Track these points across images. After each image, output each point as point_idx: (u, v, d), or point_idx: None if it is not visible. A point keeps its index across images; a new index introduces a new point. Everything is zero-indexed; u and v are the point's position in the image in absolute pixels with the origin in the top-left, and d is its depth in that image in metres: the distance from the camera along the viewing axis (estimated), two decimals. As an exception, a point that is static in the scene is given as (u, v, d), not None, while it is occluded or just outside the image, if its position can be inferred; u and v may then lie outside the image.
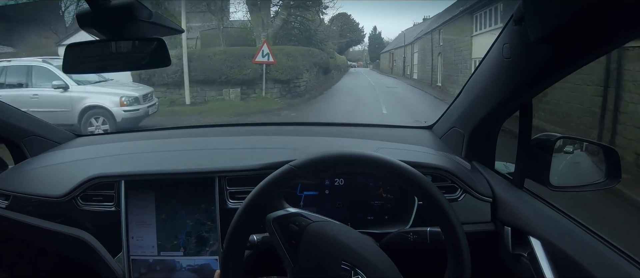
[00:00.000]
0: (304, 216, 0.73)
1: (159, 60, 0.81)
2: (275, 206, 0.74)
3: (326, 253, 0.70)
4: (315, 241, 0.71)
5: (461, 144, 1.14)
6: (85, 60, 0.83)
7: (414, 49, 18.31)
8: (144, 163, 1.11)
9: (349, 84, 14.89)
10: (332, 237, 0.71)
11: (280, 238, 0.72)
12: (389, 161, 0.72)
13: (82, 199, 1.06)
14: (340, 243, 0.71)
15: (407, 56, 19.56)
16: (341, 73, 18.20)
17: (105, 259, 1.04)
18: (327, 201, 1.08)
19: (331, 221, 0.75)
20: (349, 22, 20.81)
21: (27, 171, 1.20)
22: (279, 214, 0.73)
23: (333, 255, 0.69)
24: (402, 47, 20.54)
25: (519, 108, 0.92)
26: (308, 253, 0.70)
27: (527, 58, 0.78)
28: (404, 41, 20.24)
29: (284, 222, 0.72)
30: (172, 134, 1.56)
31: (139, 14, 0.75)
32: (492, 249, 0.99)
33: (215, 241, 1.02)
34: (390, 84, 15.60)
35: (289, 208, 0.74)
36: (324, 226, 0.73)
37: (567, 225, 0.84)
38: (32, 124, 1.31)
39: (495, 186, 1.02)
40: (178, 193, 1.03)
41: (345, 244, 0.71)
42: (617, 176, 0.93)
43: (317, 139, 1.30)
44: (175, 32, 0.84)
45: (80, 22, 0.75)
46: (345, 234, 0.73)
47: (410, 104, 10.71)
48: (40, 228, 1.07)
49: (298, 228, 0.72)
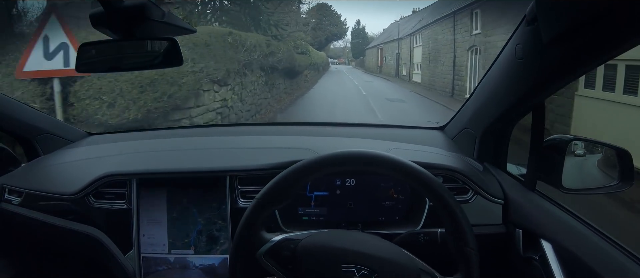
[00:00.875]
0: (290, 239, 0.73)
1: (171, 60, 0.81)
2: (261, 240, 0.74)
3: (324, 264, 0.70)
4: (310, 258, 0.71)
5: (473, 146, 1.13)
6: (98, 60, 0.84)
7: (416, 42, 13.61)
8: (155, 161, 1.12)
9: (328, 91, 11.15)
10: (324, 247, 0.72)
11: (277, 269, 0.72)
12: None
13: (94, 197, 1.07)
14: (334, 250, 0.71)
15: (404, 51, 15.08)
16: (320, 73, 14.78)
17: (116, 257, 1.05)
18: (338, 201, 1.08)
19: (319, 232, 0.75)
20: (329, 14, 18.14)
21: (40, 169, 1.21)
22: (267, 247, 0.73)
23: (331, 263, 0.70)
24: (394, 40, 16.35)
25: (532, 109, 0.92)
26: (308, 272, 0.71)
27: (540, 59, 0.77)
28: (398, 32, 16.05)
29: (275, 252, 0.73)
30: (183, 133, 1.58)
31: (152, 14, 0.75)
32: (503, 251, 0.98)
33: (225, 240, 1.03)
34: (389, 93, 11.47)
35: (274, 237, 0.74)
36: (313, 240, 0.73)
37: (580, 228, 0.83)
38: (46, 122, 1.33)
39: (507, 188, 1.01)
40: (189, 191, 1.04)
41: (339, 248, 0.71)
42: (630, 179, 0.92)
43: (328, 139, 1.30)
44: (187, 32, 0.85)
45: (93, 23, 0.76)
46: (337, 238, 0.74)
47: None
48: (52, 225, 1.08)
49: (289, 252, 0.72)
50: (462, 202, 1.00)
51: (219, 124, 1.73)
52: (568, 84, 0.80)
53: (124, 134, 1.58)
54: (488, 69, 1.01)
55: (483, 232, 0.96)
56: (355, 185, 1.08)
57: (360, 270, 0.68)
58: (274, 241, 0.73)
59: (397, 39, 15.93)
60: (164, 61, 0.82)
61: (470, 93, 1.14)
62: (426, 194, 0.73)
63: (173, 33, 0.82)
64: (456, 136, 1.25)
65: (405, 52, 14.85)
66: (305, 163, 0.73)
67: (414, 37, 13.64)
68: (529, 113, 0.93)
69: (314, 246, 0.72)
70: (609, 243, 0.77)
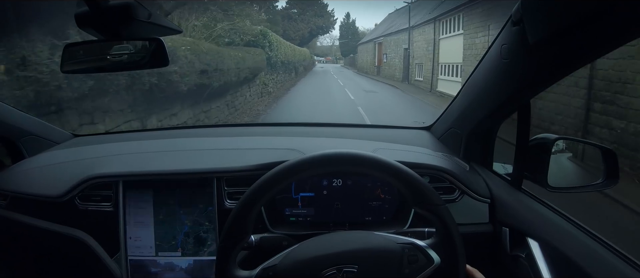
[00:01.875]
0: (267, 267, 0.72)
1: (157, 60, 0.81)
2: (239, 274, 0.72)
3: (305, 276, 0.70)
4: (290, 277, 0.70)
5: (459, 145, 1.14)
6: (83, 60, 0.83)
7: (448, 30, 9.19)
8: (142, 163, 1.11)
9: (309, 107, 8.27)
10: (301, 261, 0.71)
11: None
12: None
13: (80, 199, 1.06)
14: (311, 260, 0.70)
15: (418, 46, 11.04)
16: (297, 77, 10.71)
17: (103, 259, 1.04)
18: (325, 202, 1.08)
19: (291, 250, 0.74)
20: (315, 4, 14.74)
21: (25, 171, 1.20)
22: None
23: (312, 274, 0.69)
24: (401, 31, 12.45)
25: (517, 109, 0.93)
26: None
27: (525, 60, 0.78)
28: (408, 20, 11.99)
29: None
30: (170, 135, 1.56)
31: (138, 14, 0.75)
32: (490, 250, 0.99)
33: (213, 241, 1.02)
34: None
35: (252, 272, 0.73)
36: (289, 259, 0.72)
37: (565, 227, 0.84)
38: (30, 124, 1.31)
39: (493, 187, 1.02)
40: (176, 193, 1.03)
41: (315, 257, 0.70)
42: (615, 177, 0.93)
43: (314, 140, 1.30)
44: (173, 32, 0.84)
45: (78, 22, 0.75)
46: (311, 248, 0.73)
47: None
48: (38, 228, 1.06)
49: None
50: (448, 201, 1.01)
51: (205, 125, 1.71)
52: (553, 84, 0.81)
53: (109, 135, 1.57)
54: (474, 69, 1.02)
55: (470, 231, 0.97)
56: (342, 185, 1.08)
57: (341, 269, 0.68)
58: (252, 276, 0.72)
59: (406, 29, 11.67)
60: (150, 62, 0.81)
61: (456, 93, 1.15)
62: (384, 176, 0.72)
63: (159, 33, 0.81)
64: (442, 135, 1.25)
65: (420, 46, 10.78)
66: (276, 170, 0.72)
67: (444, 22, 9.23)
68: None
69: (291, 265, 0.71)
70: (594, 240, 0.79)
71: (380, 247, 0.71)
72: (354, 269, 0.68)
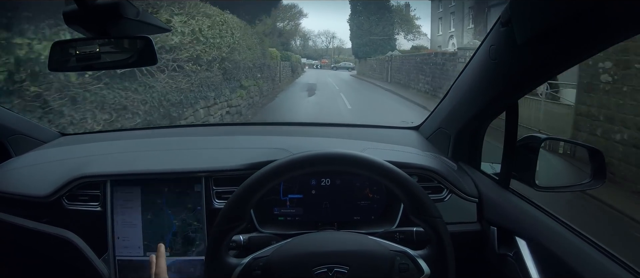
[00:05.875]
0: (258, 257, 0.73)
1: (146, 59, 0.80)
2: (230, 267, 0.73)
3: (296, 272, 0.70)
4: (281, 271, 0.71)
5: (447, 145, 1.15)
6: (71, 58, 0.82)
7: None
8: (130, 162, 1.10)
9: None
10: (293, 256, 0.72)
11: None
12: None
13: (67, 199, 1.05)
14: (303, 256, 0.71)
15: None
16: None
17: (91, 259, 1.02)
18: (313, 202, 1.08)
19: (285, 243, 0.75)
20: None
21: (11, 171, 1.18)
22: (237, 272, 0.72)
23: (302, 270, 0.70)
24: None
25: (505, 109, 0.94)
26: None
27: (514, 60, 0.79)
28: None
29: (246, 274, 0.72)
30: (158, 134, 1.55)
31: (126, 12, 0.74)
32: (478, 249, 1.00)
33: (201, 241, 1.02)
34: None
35: (242, 259, 0.73)
36: (281, 252, 0.73)
37: (552, 225, 0.85)
38: (17, 122, 1.29)
39: (481, 186, 1.03)
40: (164, 193, 1.03)
41: (307, 253, 0.71)
42: (602, 177, 0.94)
43: (303, 139, 1.30)
44: (162, 31, 0.84)
45: (66, 20, 0.74)
46: (304, 244, 0.74)
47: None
48: (25, 228, 1.05)
49: (260, 271, 0.72)
50: (437, 201, 1.02)
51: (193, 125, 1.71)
52: (541, 84, 0.82)
53: (97, 134, 1.55)
54: (462, 69, 1.03)
55: (458, 230, 0.98)
56: (330, 184, 1.08)
57: (332, 268, 0.69)
58: (243, 264, 0.72)
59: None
60: (139, 60, 0.81)
61: (445, 93, 1.16)
62: (380, 179, 0.73)
63: (148, 32, 0.81)
64: (431, 135, 1.26)
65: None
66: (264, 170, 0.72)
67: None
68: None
69: (282, 258, 0.71)
70: (581, 239, 0.80)
71: (373, 252, 0.72)
72: (344, 270, 0.69)
